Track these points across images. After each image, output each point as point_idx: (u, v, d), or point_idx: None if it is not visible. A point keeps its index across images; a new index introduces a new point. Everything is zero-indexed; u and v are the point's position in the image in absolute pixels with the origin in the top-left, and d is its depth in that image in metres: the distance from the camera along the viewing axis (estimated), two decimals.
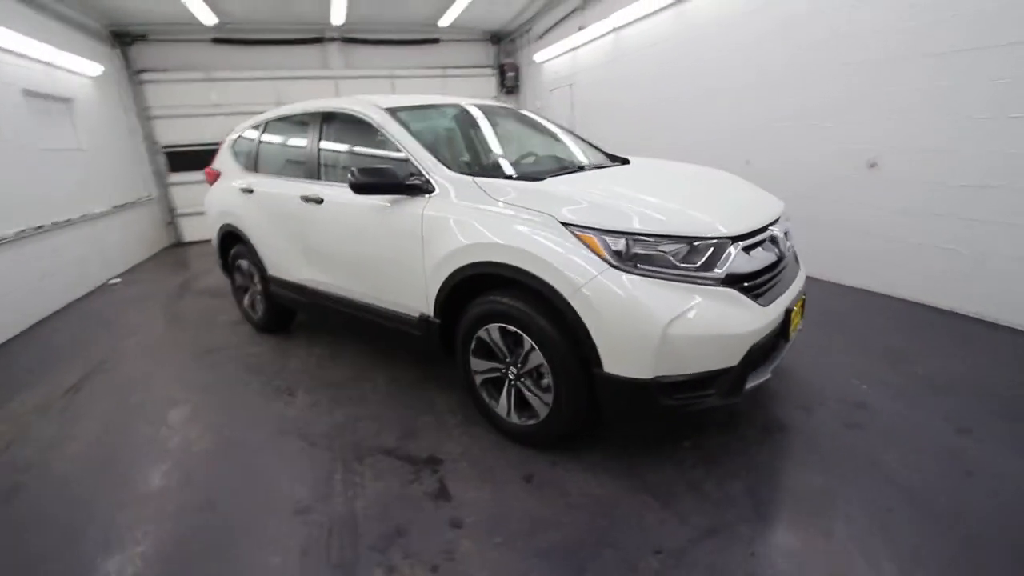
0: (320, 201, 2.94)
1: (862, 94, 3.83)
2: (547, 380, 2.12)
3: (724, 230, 1.95)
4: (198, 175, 8.47)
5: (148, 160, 8.04)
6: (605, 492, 2.01)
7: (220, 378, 3.29)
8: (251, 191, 3.57)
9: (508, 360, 2.25)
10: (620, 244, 1.88)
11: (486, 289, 2.26)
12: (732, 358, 1.90)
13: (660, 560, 1.67)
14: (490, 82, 10.05)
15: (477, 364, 2.38)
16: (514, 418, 2.31)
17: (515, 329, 2.13)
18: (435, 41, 9.40)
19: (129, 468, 2.38)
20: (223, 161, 4.11)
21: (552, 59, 8.43)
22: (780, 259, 2.20)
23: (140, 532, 1.95)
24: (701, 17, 5.28)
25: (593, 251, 1.89)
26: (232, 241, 3.98)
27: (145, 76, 7.87)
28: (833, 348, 3.11)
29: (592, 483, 2.06)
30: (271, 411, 2.82)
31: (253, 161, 3.73)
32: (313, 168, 3.12)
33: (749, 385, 1.98)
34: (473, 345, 2.35)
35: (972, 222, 3.31)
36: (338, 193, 2.87)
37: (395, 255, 2.57)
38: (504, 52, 10.00)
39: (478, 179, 2.32)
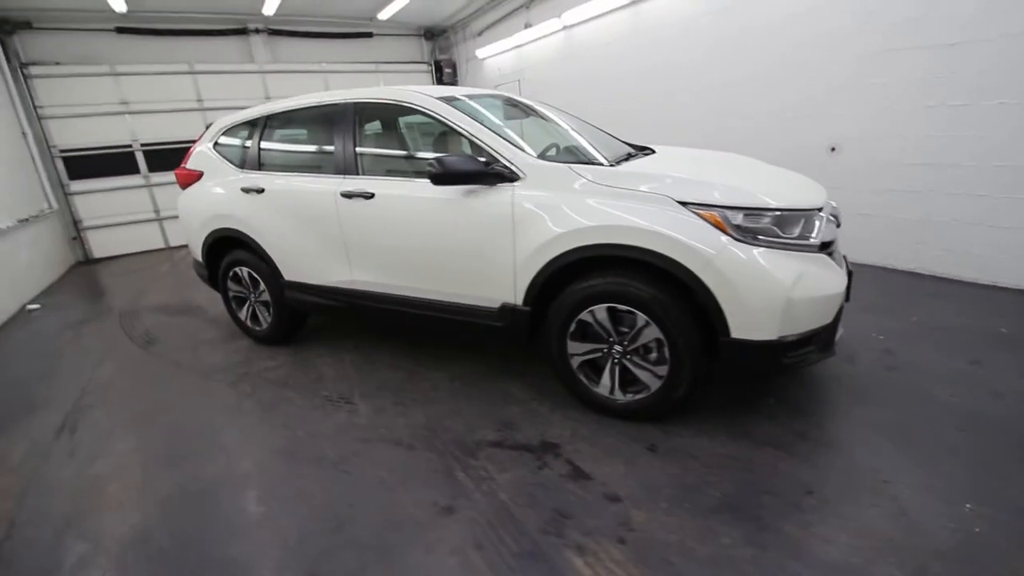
0: (370, 196, 2.78)
1: (811, 96, 4.38)
2: (654, 355, 2.24)
3: (816, 202, 2.19)
4: (107, 181, 7.49)
5: (42, 167, 6.87)
6: (730, 451, 2.16)
7: (251, 397, 2.98)
8: (260, 191, 3.26)
9: (612, 339, 2.33)
10: (739, 218, 2.04)
11: (582, 273, 2.32)
12: (829, 315, 2.14)
13: (816, 497, 1.86)
14: (425, 78, 9.88)
15: (575, 347, 2.42)
16: (618, 395, 2.39)
17: (626, 307, 2.22)
18: (368, 35, 9.04)
19: (215, 505, 2.11)
20: (205, 160, 3.69)
21: (496, 55, 8.50)
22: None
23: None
24: (659, 18, 5.66)
25: (716, 226, 2.03)
26: (225, 248, 3.60)
27: (34, 70, 6.72)
28: None
29: (712, 444, 2.21)
30: (337, 423, 2.63)
31: (254, 158, 3.40)
32: (350, 162, 2.93)
33: (836, 339, 2.25)
34: (572, 328, 2.39)
35: (914, 194, 3.95)
36: (393, 187, 2.74)
37: (476, 246, 2.52)
38: (439, 48, 9.87)
39: (574, 165, 2.36)
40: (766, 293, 1.99)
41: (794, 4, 4.40)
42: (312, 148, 3.28)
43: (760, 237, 2.03)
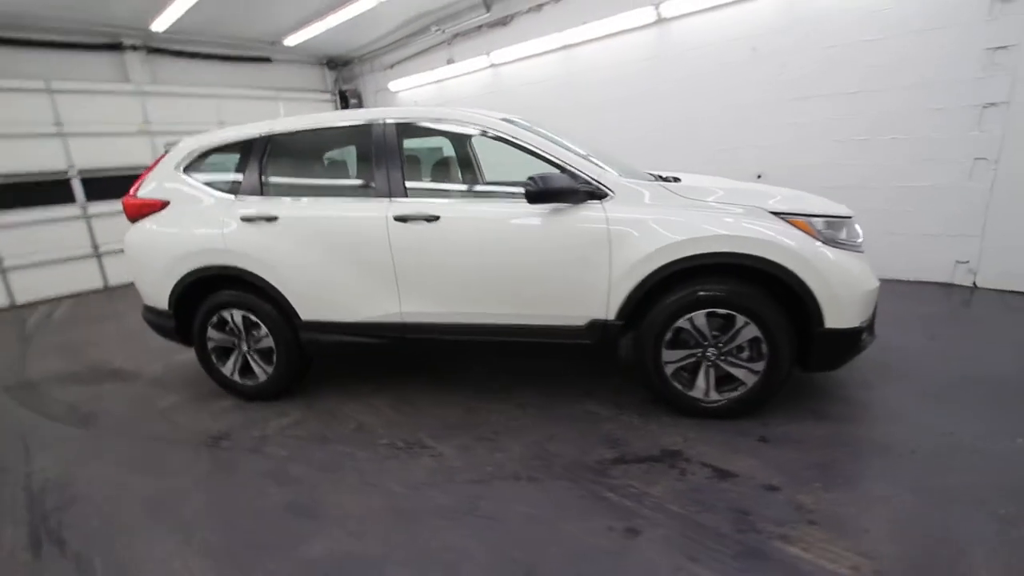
0: (433, 219, 2.60)
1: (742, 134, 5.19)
2: (747, 353, 2.44)
3: (851, 212, 2.62)
4: None
5: None
6: (826, 431, 2.42)
7: (295, 460, 2.51)
8: (270, 219, 2.83)
9: (707, 343, 2.47)
10: (821, 225, 2.36)
11: (673, 284, 2.44)
12: (875, 303, 2.56)
13: (919, 454, 2.18)
14: (328, 108, 9.38)
15: (669, 355, 2.51)
16: (713, 395, 2.53)
17: (726, 311, 2.39)
18: (266, 60, 8.36)
19: None
20: (171, 188, 3.09)
21: (412, 88, 8.44)
22: None
23: None
24: (594, 61, 6.18)
25: (806, 232, 2.32)
26: (205, 289, 3.02)
27: None
28: None
29: (808, 428, 2.44)
30: (428, 469, 2.35)
31: (254, 184, 2.94)
32: (397, 184, 2.71)
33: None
34: (668, 337, 2.48)
35: None
36: (463, 208, 2.62)
37: (566, 265, 2.50)
38: (343, 78, 9.49)
39: (666, 183, 2.50)
40: (851, 286, 2.31)
41: (718, 60, 5.18)
42: (343, 171, 2.96)
43: (835, 240, 2.37)
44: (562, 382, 3.09)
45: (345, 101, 9.32)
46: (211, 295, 3.03)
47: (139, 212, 3.13)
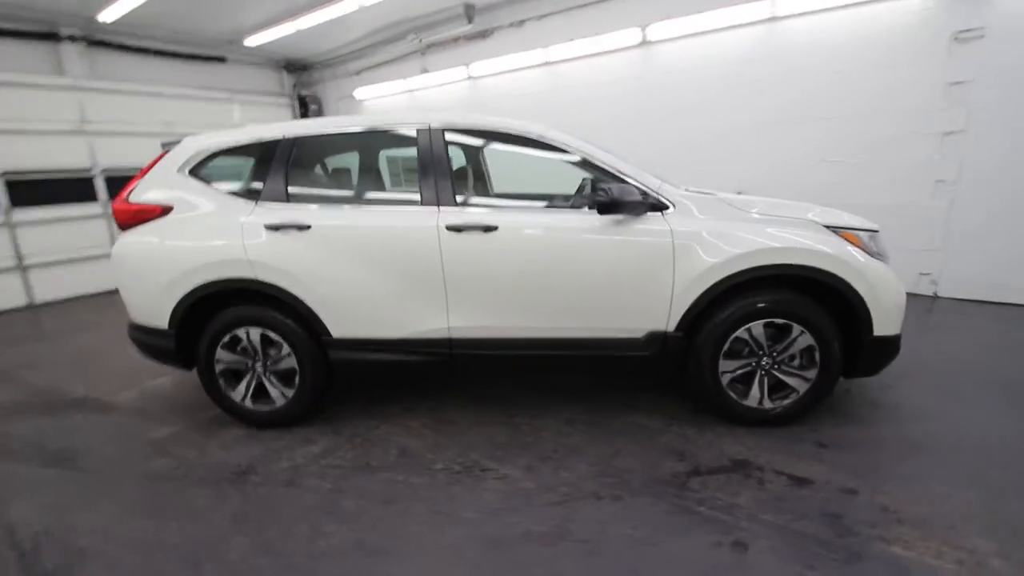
0: (490, 229, 2.49)
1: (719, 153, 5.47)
2: (798, 361, 2.53)
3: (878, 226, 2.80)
4: None
5: None
6: (876, 432, 2.54)
7: (341, 493, 2.28)
8: (302, 228, 2.59)
9: (762, 353, 2.53)
10: (866, 238, 2.50)
11: (732, 295, 2.49)
12: None
13: (972, 439, 2.34)
14: (285, 114, 8.90)
15: (726, 365, 2.55)
16: (766, 404, 2.59)
17: (783, 321, 2.47)
18: (221, 60, 7.81)
19: None
20: (176, 191, 2.76)
21: (381, 97, 8.19)
22: None
23: None
24: (582, 78, 6.26)
25: (855, 245, 2.45)
26: (216, 306, 2.72)
27: None
28: None
29: (859, 431, 2.55)
30: (501, 493, 2.21)
31: (279, 189, 2.69)
32: (446, 193, 2.58)
33: None
34: (726, 347, 2.52)
35: None
36: (522, 218, 2.54)
37: (630, 276, 2.49)
38: (302, 83, 9.04)
39: (720, 195, 2.55)
40: (894, 296, 2.46)
41: (700, 83, 5.45)
42: (378, 177, 2.77)
43: (875, 253, 2.52)
44: (601, 396, 3.05)
45: (304, 107, 8.88)
46: (221, 312, 2.72)
47: (134, 219, 2.77)
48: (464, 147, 2.74)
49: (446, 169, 2.61)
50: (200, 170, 2.79)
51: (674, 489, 2.19)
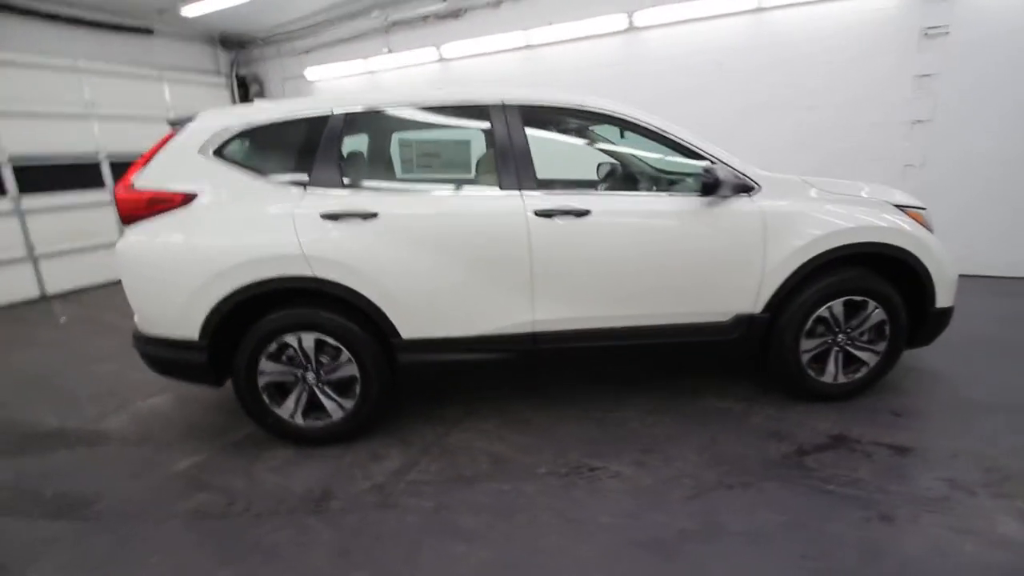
0: (583, 213, 2.33)
1: None
2: (867, 336, 2.63)
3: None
4: None
5: None
6: (938, 398, 2.72)
7: (454, 511, 2.04)
8: (367, 216, 2.27)
9: (838, 330, 2.60)
10: (925, 215, 2.63)
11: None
12: None
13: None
14: (222, 95, 7.99)
15: (807, 344, 2.59)
16: (840, 379, 2.67)
17: (861, 298, 2.54)
18: (147, 32, 6.81)
19: None
20: (199, 175, 2.32)
21: (338, 79, 7.57)
22: None
23: None
24: (564, 61, 6.15)
25: (920, 223, 2.57)
26: (256, 310, 2.33)
27: None
28: None
29: (921, 398, 2.71)
30: (624, 494, 2.09)
31: (332, 172, 2.34)
32: (527, 176, 2.38)
33: None
34: (807, 326, 2.56)
35: None
36: (615, 201, 2.41)
37: (721, 259, 2.45)
38: (241, 61, 8.15)
39: (805, 177, 2.56)
40: (950, 270, 2.62)
41: (685, 71, 5.54)
42: (446, 158, 2.49)
43: (931, 229, 2.67)
44: (662, 383, 2.99)
45: (244, 88, 8.02)
46: (264, 317, 2.34)
47: (146, 210, 2.30)
48: (538, 125, 2.54)
49: (526, 150, 2.40)
50: (227, 150, 2.36)
51: (795, 470, 2.18)
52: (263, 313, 2.35)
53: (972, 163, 4.62)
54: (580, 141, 2.94)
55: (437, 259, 2.33)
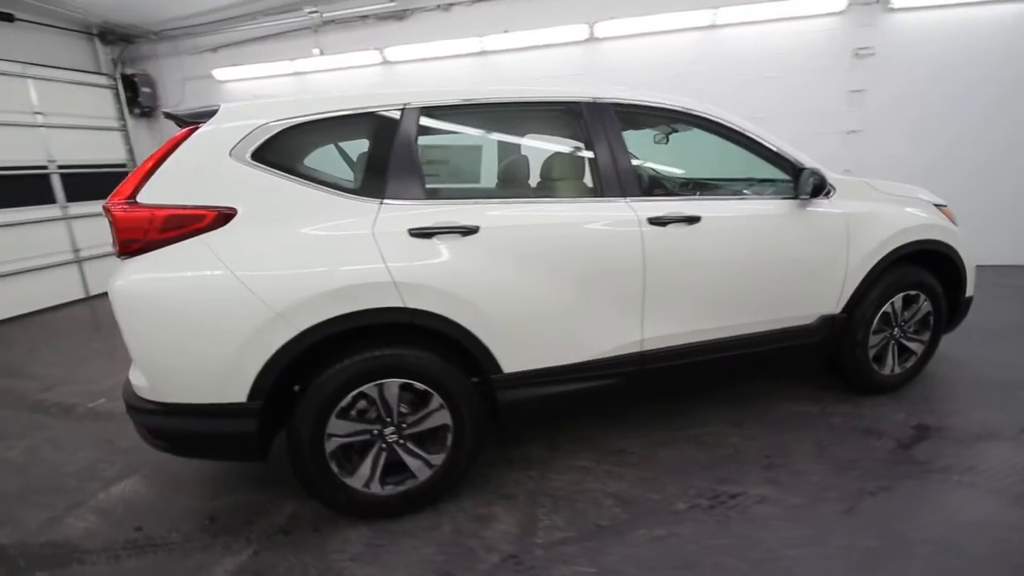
0: (693, 220, 2.16)
1: None
2: (912, 328, 2.79)
3: None
4: None
5: None
6: (977, 380, 2.94)
7: (625, 569, 1.73)
8: (467, 231, 1.88)
9: (894, 324, 2.72)
10: (951, 211, 2.86)
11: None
12: None
13: None
14: (104, 96, 6.64)
15: (873, 339, 2.67)
16: (896, 370, 2.78)
17: (915, 292, 2.68)
18: (7, 18, 5.41)
19: None
20: (236, 186, 1.76)
21: (255, 79, 6.66)
22: None
23: None
24: (511, 71, 6.00)
25: (950, 219, 2.79)
26: (321, 356, 1.83)
27: None
28: None
29: (963, 384, 2.92)
30: (782, 519, 1.93)
31: (412, 180, 1.90)
32: (630, 181, 2.15)
33: None
34: (874, 323, 2.64)
35: None
36: (720, 206, 2.28)
37: (815, 261, 2.44)
38: (127, 58, 6.83)
39: (867, 179, 2.63)
40: (973, 262, 2.88)
41: (643, 82, 5.70)
42: (558, 164, 2.16)
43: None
44: (721, 393, 2.89)
45: (133, 90, 6.73)
46: (334, 363, 1.83)
47: (162, 233, 1.68)
48: (631, 126, 2.33)
49: (626, 154, 2.18)
50: (268, 153, 1.83)
51: (913, 466, 2.19)
52: (322, 360, 1.84)
53: (898, 167, 5.26)
54: (662, 143, 2.78)
55: (543, 278, 2.00)
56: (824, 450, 2.35)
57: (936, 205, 2.77)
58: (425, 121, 1.99)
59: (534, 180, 2.37)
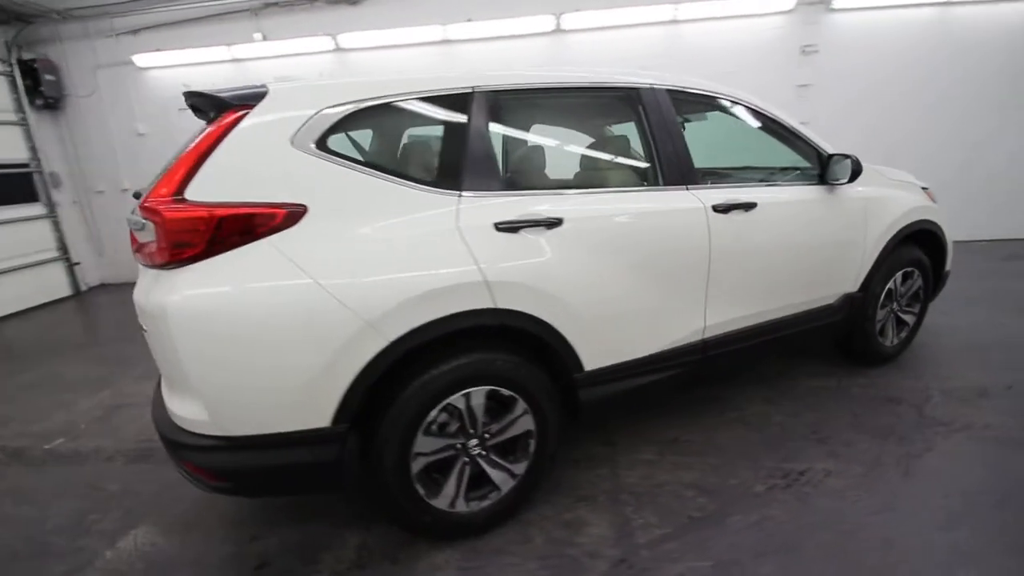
0: (750, 207, 2.19)
1: None
2: (907, 301, 3.05)
3: None
4: None
5: None
6: (959, 346, 3.25)
7: (735, 551, 1.72)
8: (551, 223, 1.77)
9: (893, 300, 2.95)
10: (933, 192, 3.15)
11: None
12: None
13: None
14: None
15: (880, 314, 2.87)
16: (894, 340, 3.02)
17: (911, 268, 2.93)
18: None
19: None
20: (303, 183, 1.53)
21: (184, 66, 5.97)
22: None
23: None
24: (482, 61, 5.83)
25: (931, 200, 3.06)
26: (407, 370, 1.66)
27: None
28: None
29: (947, 348, 3.23)
30: (856, 492, 2.01)
31: (491, 170, 1.76)
32: (688, 169, 2.14)
33: None
34: (882, 298, 2.85)
35: None
36: (772, 192, 2.33)
37: (844, 242, 2.58)
38: (23, 42, 5.83)
39: (874, 165, 2.80)
40: (951, 240, 3.18)
41: None
42: (611, 150, 2.05)
43: None
44: (746, 374, 3.01)
45: (34, 77, 5.78)
46: (421, 374, 1.66)
47: (221, 236, 1.42)
48: (681, 113, 2.30)
49: (683, 141, 2.17)
50: (333, 141, 1.61)
51: (943, 427, 2.38)
52: (397, 374, 1.66)
53: None
54: (704, 130, 2.79)
55: (625, 268, 1.94)
56: (859, 419, 2.49)
57: (923, 187, 3.04)
58: (497, 105, 1.84)
59: (600, 168, 2.29)
